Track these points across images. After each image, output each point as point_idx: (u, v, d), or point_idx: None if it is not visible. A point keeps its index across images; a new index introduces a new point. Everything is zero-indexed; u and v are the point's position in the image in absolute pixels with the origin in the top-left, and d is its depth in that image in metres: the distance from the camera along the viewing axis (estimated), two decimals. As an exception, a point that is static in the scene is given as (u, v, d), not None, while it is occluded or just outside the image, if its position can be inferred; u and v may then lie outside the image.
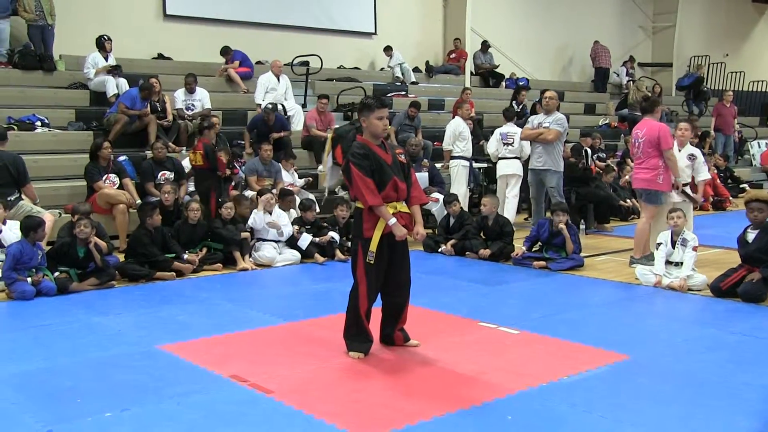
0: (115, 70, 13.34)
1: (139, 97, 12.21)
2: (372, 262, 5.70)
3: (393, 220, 5.67)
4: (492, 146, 12.61)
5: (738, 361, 5.85)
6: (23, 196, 9.50)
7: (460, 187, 12.59)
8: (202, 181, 10.82)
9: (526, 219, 12.79)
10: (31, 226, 8.07)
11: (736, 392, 5.12)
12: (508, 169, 12.29)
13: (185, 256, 9.22)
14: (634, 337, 6.50)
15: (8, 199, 9.13)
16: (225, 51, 15.81)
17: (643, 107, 9.70)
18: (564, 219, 9.59)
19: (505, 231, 10.25)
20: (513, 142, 12.14)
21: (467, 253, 10.26)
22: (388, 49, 19.18)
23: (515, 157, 12.25)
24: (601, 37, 23.86)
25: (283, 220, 10.06)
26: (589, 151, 13.54)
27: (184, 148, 12.60)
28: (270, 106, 13.49)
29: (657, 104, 9.78)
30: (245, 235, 9.72)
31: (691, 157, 9.69)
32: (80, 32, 14.25)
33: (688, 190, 9.64)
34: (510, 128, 12.36)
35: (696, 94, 23.02)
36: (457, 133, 12.77)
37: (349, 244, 10.14)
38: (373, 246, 5.70)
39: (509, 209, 12.00)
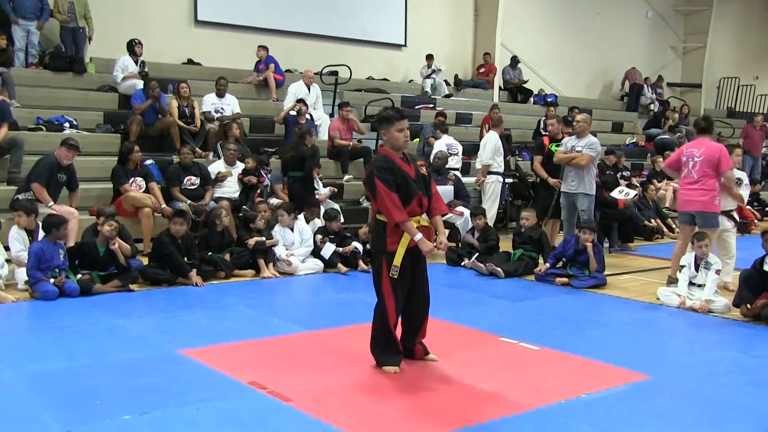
0: (141, 73, 13.45)
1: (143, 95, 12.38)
2: (396, 276, 5.67)
3: (419, 236, 5.60)
4: None
5: (760, 384, 5.79)
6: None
7: (495, 202, 12.51)
8: None
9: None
10: (53, 224, 8.08)
11: (759, 416, 5.07)
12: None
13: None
14: (655, 357, 6.45)
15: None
16: (263, 48, 15.74)
17: (702, 126, 9.31)
18: (591, 237, 9.54)
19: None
20: None
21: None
22: (429, 57, 19.04)
23: None
24: (630, 55, 23.81)
25: (306, 234, 10.08)
26: (617, 179, 13.13)
27: (211, 153, 12.62)
28: (301, 100, 13.68)
29: (713, 124, 9.54)
30: (271, 242, 9.73)
31: (738, 181, 9.65)
32: (111, 35, 14.36)
33: (735, 215, 9.63)
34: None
35: None
36: (495, 149, 12.56)
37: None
38: (397, 260, 5.64)
39: None
